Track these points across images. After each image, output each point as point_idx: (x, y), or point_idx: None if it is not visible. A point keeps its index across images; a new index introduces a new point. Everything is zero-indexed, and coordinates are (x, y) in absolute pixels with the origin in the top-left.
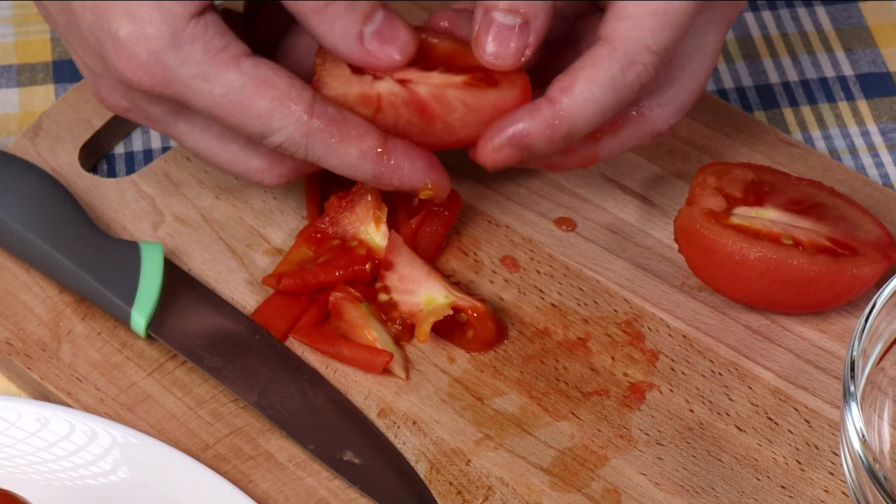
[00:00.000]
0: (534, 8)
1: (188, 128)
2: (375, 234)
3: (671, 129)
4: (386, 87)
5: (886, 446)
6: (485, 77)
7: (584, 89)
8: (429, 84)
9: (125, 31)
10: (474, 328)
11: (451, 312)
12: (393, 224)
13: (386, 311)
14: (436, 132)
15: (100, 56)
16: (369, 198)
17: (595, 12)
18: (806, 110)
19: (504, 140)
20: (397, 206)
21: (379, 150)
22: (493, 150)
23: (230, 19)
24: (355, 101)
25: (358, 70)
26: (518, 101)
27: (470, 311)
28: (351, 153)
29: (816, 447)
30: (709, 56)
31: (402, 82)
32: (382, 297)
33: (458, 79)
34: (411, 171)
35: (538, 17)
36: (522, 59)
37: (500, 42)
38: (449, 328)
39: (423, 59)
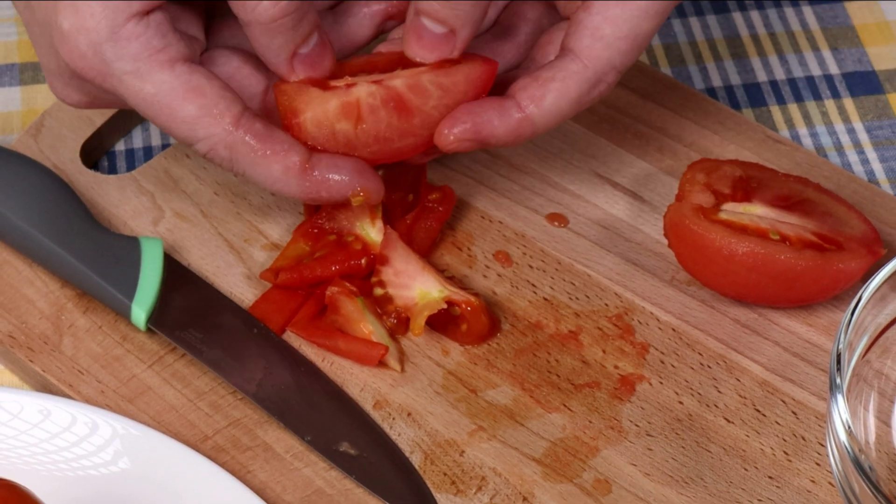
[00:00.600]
0: (460, 19)
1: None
2: (371, 229)
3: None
4: (363, 89)
5: (872, 437)
6: (446, 61)
7: (553, 102)
8: (401, 76)
9: (68, 23)
10: (468, 322)
11: (445, 306)
12: (388, 220)
13: (381, 305)
14: (415, 129)
15: (52, 50)
16: None
17: (558, 24)
18: (793, 108)
19: (469, 134)
20: (393, 202)
21: (305, 165)
22: (455, 140)
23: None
24: (336, 116)
25: (322, 85)
26: (486, 73)
27: (464, 305)
28: (275, 168)
29: (803, 438)
30: (641, 51)
31: (376, 82)
32: (378, 291)
33: (424, 67)
34: (339, 181)
35: (464, 29)
36: (447, 56)
37: (425, 47)
38: (443, 322)
39: (374, 70)
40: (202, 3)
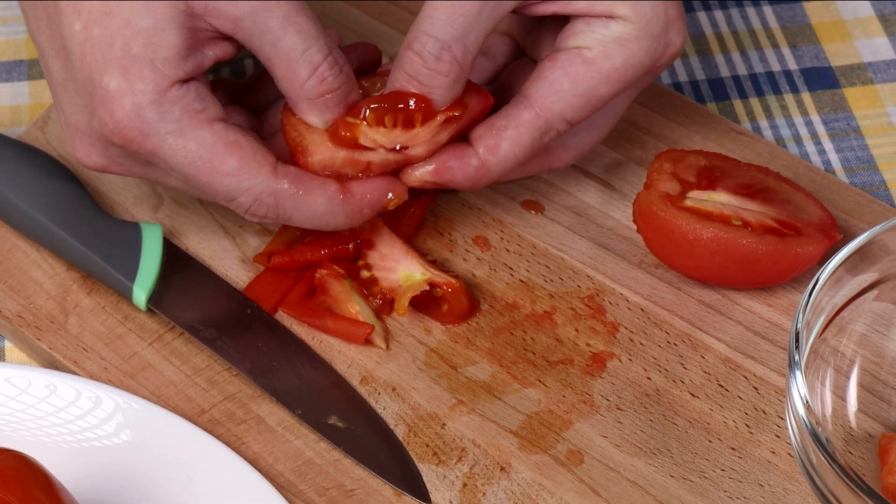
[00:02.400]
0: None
1: (164, 177)
2: None
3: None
4: (378, 156)
5: (828, 411)
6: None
7: (507, 150)
8: (422, 142)
9: (115, 83)
10: (449, 302)
11: (427, 288)
12: None
13: (368, 287)
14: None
15: (87, 109)
16: None
17: (522, 58)
18: (754, 102)
19: (430, 176)
20: None
21: (343, 192)
22: (417, 180)
23: (230, 86)
24: (342, 164)
25: (338, 140)
26: (483, 110)
27: (445, 287)
28: (319, 203)
29: (764, 412)
30: (616, 115)
31: (393, 150)
32: (364, 273)
33: (438, 121)
34: (374, 195)
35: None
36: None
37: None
38: (426, 302)
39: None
40: None
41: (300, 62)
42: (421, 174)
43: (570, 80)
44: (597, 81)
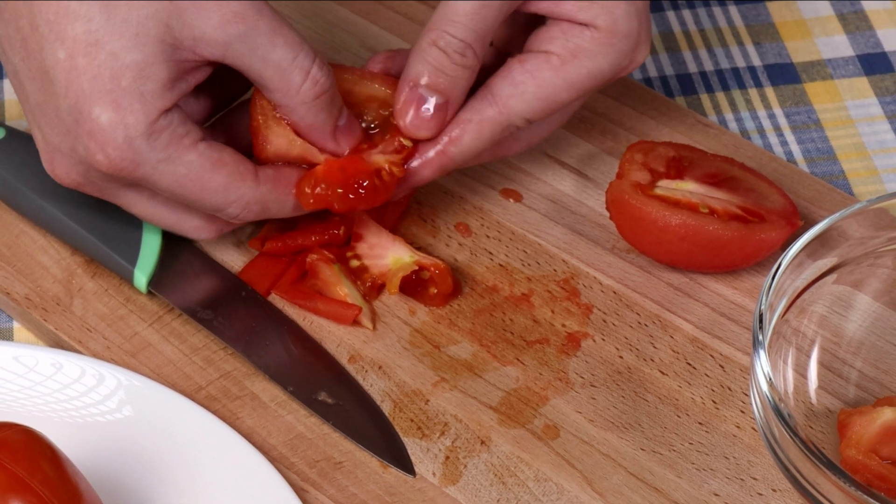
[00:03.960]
0: (454, 91)
1: (136, 199)
2: None
3: (516, 154)
4: (320, 170)
5: (790, 388)
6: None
7: (469, 141)
8: (378, 155)
9: (106, 116)
10: (436, 283)
11: (416, 268)
12: None
13: (358, 275)
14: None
15: (70, 134)
16: None
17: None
18: (720, 96)
19: (405, 187)
20: None
21: None
22: (395, 194)
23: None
24: (296, 158)
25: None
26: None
27: (432, 269)
28: (292, 200)
29: (730, 389)
30: (568, 113)
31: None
32: (354, 262)
33: (391, 150)
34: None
35: (457, 101)
36: (438, 131)
37: (419, 114)
38: (412, 286)
39: (347, 98)
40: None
41: (292, 70)
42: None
43: (535, 84)
44: (560, 88)
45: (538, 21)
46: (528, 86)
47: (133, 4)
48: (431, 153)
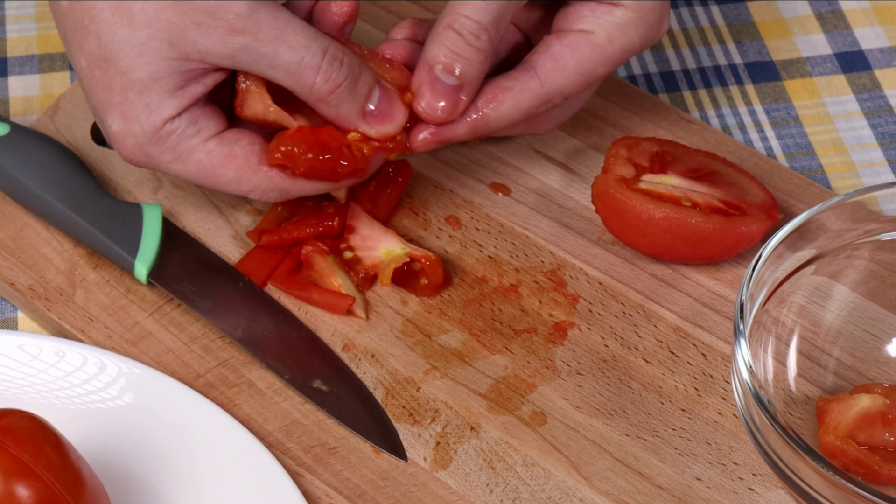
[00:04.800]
0: (470, 74)
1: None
2: None
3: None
4: (286, 135)
5: (770, 376)
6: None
7: (507, 108)
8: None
9: (116, 126)
10: (427, 274)
11: (408, 260)
12: (353, 189)
13: (351, 266)
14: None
15: (103, 126)
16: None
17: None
18: (702, 93)
19: (434, 138)
20: None
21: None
22: (422, 142)
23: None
24: (272, 123)
25: (278, 101)
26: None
27: (423, 260)
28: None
29: (711, 377)
30: (592, 91)
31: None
32: (347, 254)
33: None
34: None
35: (472, 84)
36: (455, 114)
37: (436, 96)
38: (403, 277)
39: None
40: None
41: (301, 72)
42: (427, 136)
43: (575, 60)
44: (598, 62)
45: (559, 4)
46: (569, 60)
47: (135, 24)
48: (470, 115)
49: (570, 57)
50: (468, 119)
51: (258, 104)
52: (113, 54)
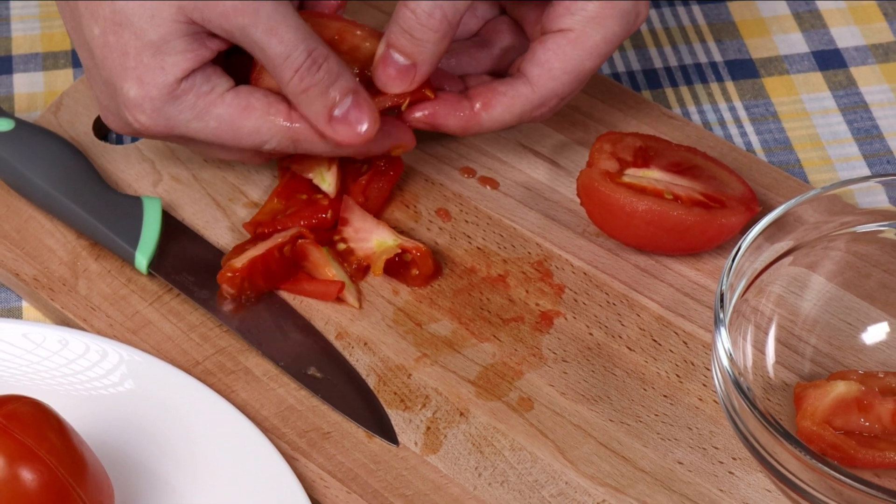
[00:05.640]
0: (423, 55)
1: (186, 142)
2: (327, 173)
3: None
4: None
5: (749, 363)
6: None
7: (500, 112)
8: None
9: (134, 92)
10: (418, 265)
11: (399, 251)
12: (346, 182)
13: (345, 257)
14: None
15: (113, 100)
16: None
17: (501, 14)
18: (684, 90)
19: (425, 119)
20: (349, 167)
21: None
22: (414, 119)
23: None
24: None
25: None
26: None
27: (414, 251)
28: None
29: (692, 364)
30: (583, 84)
31: None
32: (341, 246)
33: (388, 102)
34: (384, 137)
35: (425, 64)
36: (408, 89)
37: (389, 75)
38: (396, 268)
39: (353, 53)
40: None
41: (283, 67)
42: (419, 115)
43: (560, 61)
44: (583, 58)
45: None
46: (554, 63)
47: None
48: (462, 111)
49: (554, 59)
50: (461, 114)
51: (272, 79)
52: (127, 18)
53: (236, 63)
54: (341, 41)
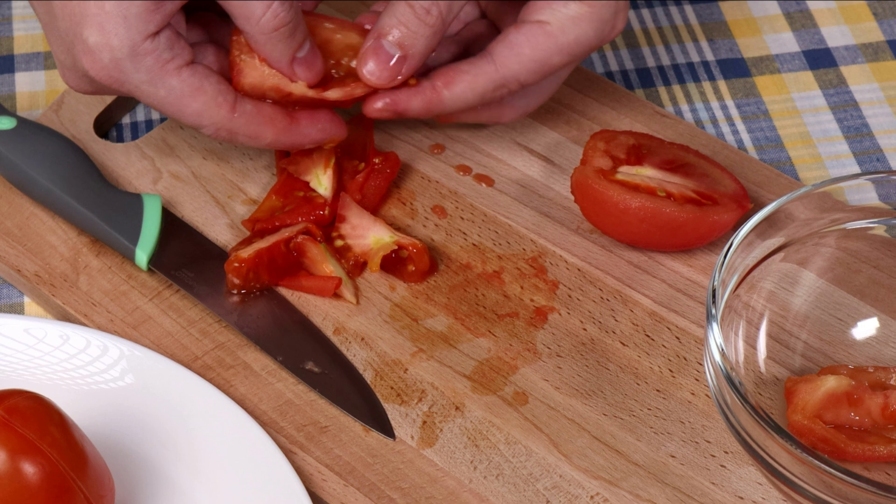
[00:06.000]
0: (415, 48)
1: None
2: (322, 176)
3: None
4: (299, 89)
5: (741, 358)
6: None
7: (461, 89)
8: (335, 90)
9: (94, 39)
10: (414, 262)
11: (396, 248)
12: (343, 180)
13: (342, 254)
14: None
15: (70, 53)
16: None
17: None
18: (676, 88)
19: (387, 108)
20: (346, 165)
21: (289, 124)
22: (376, 110)
23: (208, 21)
24: (268, 89)
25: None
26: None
27: (411, 248)
28: (267, 135)
29: (685, 359)
30: (557, 83)
31: (313, 89)
32: (338, 242)
33: (359, 89)
34: (317, 135)
35: (415, 57)
36: (394, 82)
37: (379, 65)
38: (392, 264)
39: (325, 46)
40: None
41: (253, 5)
42: (380, 105)
43: (530, 47)
44: (552, 51)
45: None
46: (524, 48)
47: None
48: (424, 91)
49: (525, 44)
50: (423, 95)
51: (255, 72)
52: None
53: (199, 22)
54: (313, 34)
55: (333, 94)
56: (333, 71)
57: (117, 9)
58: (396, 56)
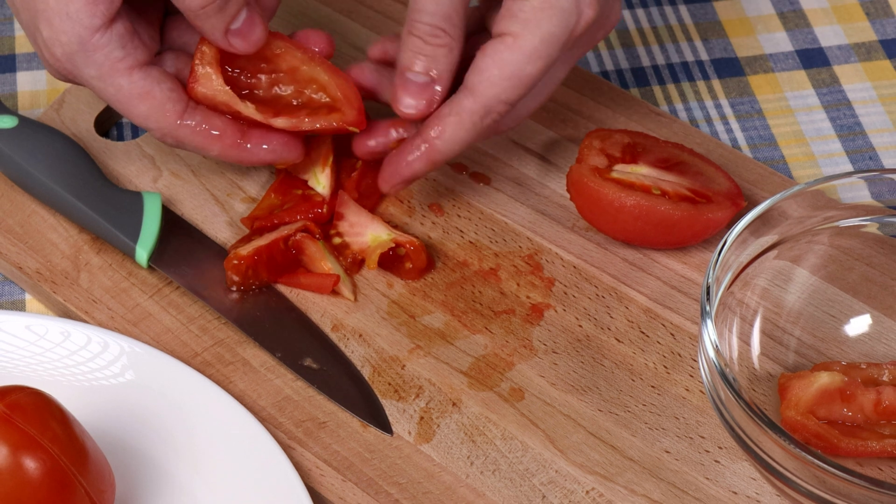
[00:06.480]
0: (437, 69)
1: None
2: (321, 174)
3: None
4: (248, 111)
5: (735, 354)
6: (326, 105)
7: (452, 133)
8: (283, 119)
9: (46, 33)
10: (412, 259)
11: (393, 245)
12: (340, 178)
13: (340, 251)
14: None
15: (36, 45)
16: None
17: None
18: (671, 87)
19: (401, 182)
20: (343, 164)
21: (238, 141)
22: (393, 188)
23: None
24: (220, 104)
25: (228, 81)
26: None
27: (408, 245)
28: (214, 148)
29: (679, 355)
30: (554, 83)
31: (263, 113)
32: (336, 240)
33: (307, 122)
34: (268, 156)
35: (442, 76)
36: (433, 105)
37: (411, 95)
38: (390, 261)
39: (291, 72)
40: (159, 7)
41: None
42: (392, 185)
43: (497, 66)
44: (521, 63)
45: None
46: (493, 70)
47: None
48: (421, 149)
49: (492, 66)
50: (419, 152)
51: (210, 83)
52: None
53: (178, 27)
54: (281, 59)
55: (280, 122)
56: (295, 100)
57: (58, 5)
58: (424, 81)
